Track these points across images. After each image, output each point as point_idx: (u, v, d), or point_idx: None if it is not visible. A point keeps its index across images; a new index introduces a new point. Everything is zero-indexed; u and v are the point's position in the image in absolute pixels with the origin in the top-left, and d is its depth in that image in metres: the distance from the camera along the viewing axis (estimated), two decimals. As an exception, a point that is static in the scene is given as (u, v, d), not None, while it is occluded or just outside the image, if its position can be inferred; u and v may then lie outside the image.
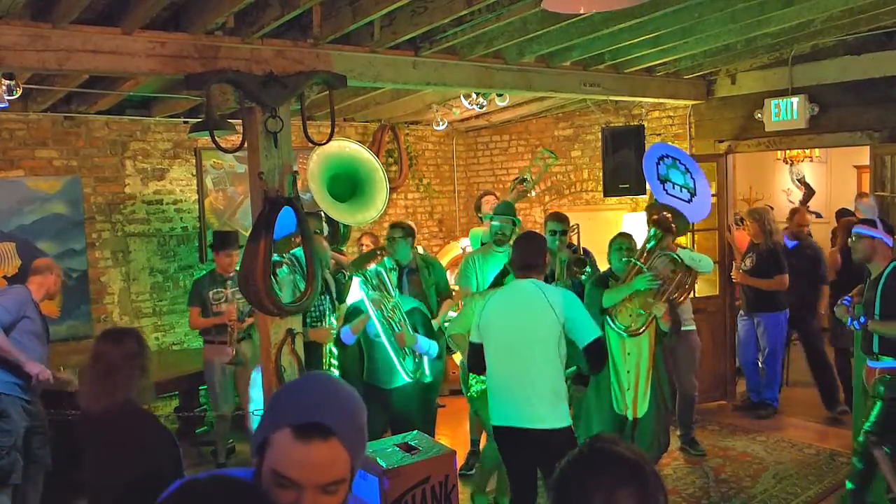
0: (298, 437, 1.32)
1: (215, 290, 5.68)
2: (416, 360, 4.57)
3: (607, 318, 4.50)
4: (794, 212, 6.92)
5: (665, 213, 4.78)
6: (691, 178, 5.03)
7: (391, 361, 4.49)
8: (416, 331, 4.53)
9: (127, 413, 2.88)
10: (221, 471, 1.44)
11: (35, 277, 4.68)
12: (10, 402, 4.40)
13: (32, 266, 4.83)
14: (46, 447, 4.55)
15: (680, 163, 5.06)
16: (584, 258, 5.21)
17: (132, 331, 3.12)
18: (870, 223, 4.43)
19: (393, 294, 4.49)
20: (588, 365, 3.72)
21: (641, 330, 4.47)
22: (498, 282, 4.63)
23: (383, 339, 4.47)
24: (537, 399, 3.60)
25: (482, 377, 4.48)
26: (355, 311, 4.57)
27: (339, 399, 1.41)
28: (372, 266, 4.42)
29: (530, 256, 3.77)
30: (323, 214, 5.33)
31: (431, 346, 4.56)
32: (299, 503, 1.32)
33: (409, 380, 4.53)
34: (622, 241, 4.72)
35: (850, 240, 4.64)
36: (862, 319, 4.27)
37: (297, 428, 1.33)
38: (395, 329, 4.45)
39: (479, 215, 6.13)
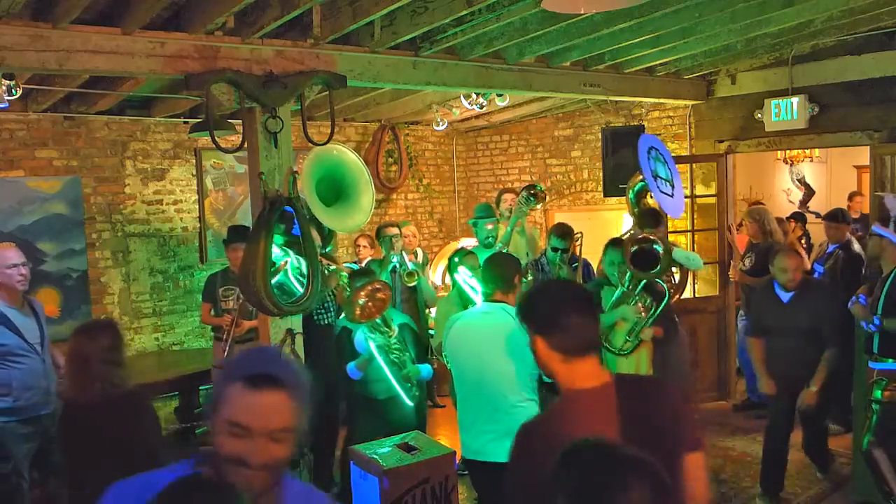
0: (250, 386, 1.47)
1: (225, 288, 5.61)
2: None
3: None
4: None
5: (646, 241, 4.65)
6: (668, 169, 5.01)
7: (384, 375, 4.43)
8: (406, 347, 4.52)
9: (135, 394, 3.16)
10: None
11: None
12: (5, 430, 4.15)
13: None
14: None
15: (660, 153, 5.03)
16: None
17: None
18: (885, 222, 4.45)
19: (395, 329, 4.46)
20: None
21: (629, 352, 4.53)
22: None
23: (390, 377, 4.41)
24: (505, 435, 3.32)
25: None
26: (344, 333, 4.51)
27: (285, 360, 1.61)
28: (378, 318, 4.30)
29: (502, 278, 3.51)
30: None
31: (427, 370, 4.62)
32: (250, 451, 1.45)
33: (411, 404, 4.51)
34: (614, 256, 4.69)
35: (867, 237, 4.70)
36: (876, 321, 4.22)
37: (250, 378, 1.48)
38: (401, 367, 4.42)
39: (498, 212, 6.18)
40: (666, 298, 4.57)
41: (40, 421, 4.19)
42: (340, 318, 4.67)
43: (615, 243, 4.85)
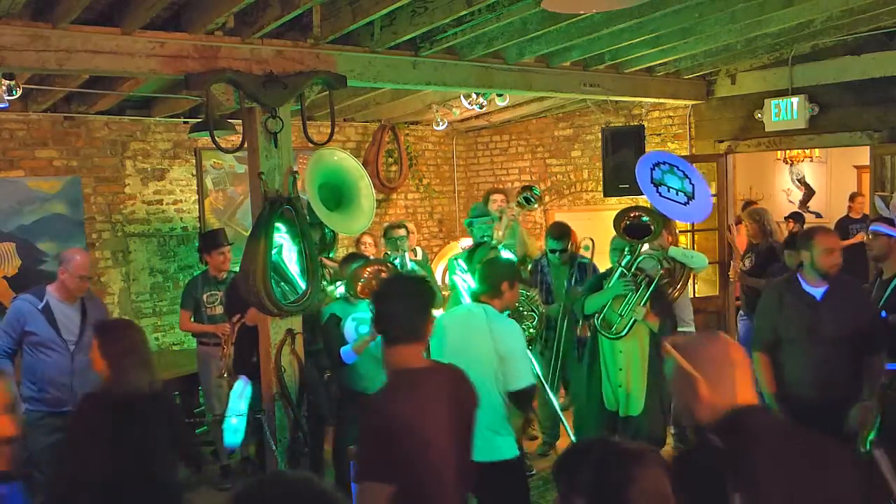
0: None
1: (209, 293, 5.58)
2: None
3: (594, 319, 4.55)
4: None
5: (634, 213, 4.71)
6: (689, 182, 5.02)
7: (375, 368, 4.46)
8: None
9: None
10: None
11: (59, 273, 4.44)
12: (29, 418, 4.24)
13: None
14: None
15: (678, 169, 5.04)
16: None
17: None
18: (888, 221, 4.37)
19: None
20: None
21: (623, 333, 4.52)
22: (469, 258, 4.93)
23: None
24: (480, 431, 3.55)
25: None
26: (332, 320, 4.48)
27: None
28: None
29: (489, 284, 3.65)
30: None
31: None
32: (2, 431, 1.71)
33: None
34: (619, 243, 4.72)
35: (866, 237, 4.58)
36: (883, 314, 4.13)
37: None
38: None
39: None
40: (657, 278, 4.58)
41: (65, 418, 4.17)
42: (328, 304, 4.60)
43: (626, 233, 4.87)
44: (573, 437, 4.75)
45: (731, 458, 1.76)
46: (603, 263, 5.72)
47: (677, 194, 4.95)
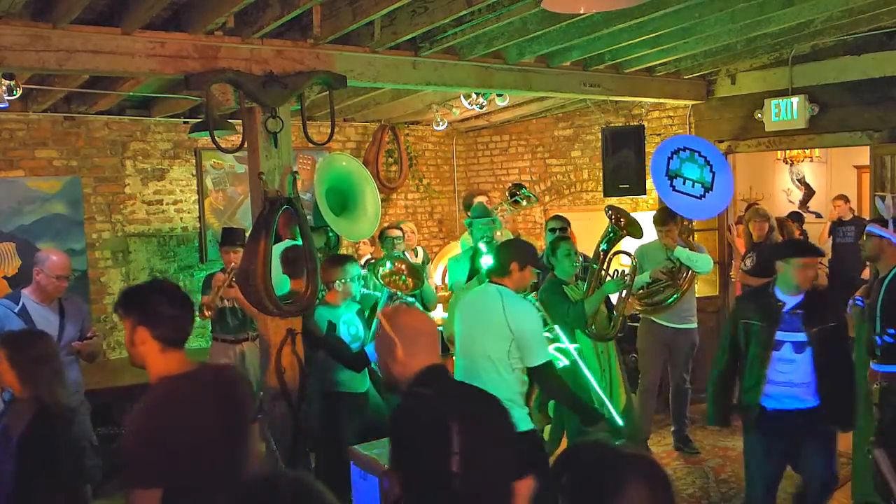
0: None
1: None
2: None
3: (591, 327, 4.61)
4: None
5: (621, 217, 4.83)
6: (710, 171, 4.97)
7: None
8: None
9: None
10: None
11: (35, 274, 4.36)
12: None
13: None
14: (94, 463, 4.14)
15: (699, 155, 4.99)
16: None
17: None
18: (882, 223, 4.38)
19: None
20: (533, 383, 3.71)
21: (613, 334, 4.57)
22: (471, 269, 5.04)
23: None
24: None
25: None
26: (331, 326, 4.43)
27: None
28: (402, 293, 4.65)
29: (499, 264, 3.73)
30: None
31: None
32: None
33: None
34: (568, 247, 4.75)
35: (861, 237, 4.60)
36: (891, 331, 4.08)
37: None
38: None
39: (468, 214, 6.18)
40: (633, 266, 4.69)
41: None
42: (319, 308, 4.60)
43: (563, 238, 5.01)
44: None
45: (442, 400, 2.22)
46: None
47: (693, 186, 4.94)
